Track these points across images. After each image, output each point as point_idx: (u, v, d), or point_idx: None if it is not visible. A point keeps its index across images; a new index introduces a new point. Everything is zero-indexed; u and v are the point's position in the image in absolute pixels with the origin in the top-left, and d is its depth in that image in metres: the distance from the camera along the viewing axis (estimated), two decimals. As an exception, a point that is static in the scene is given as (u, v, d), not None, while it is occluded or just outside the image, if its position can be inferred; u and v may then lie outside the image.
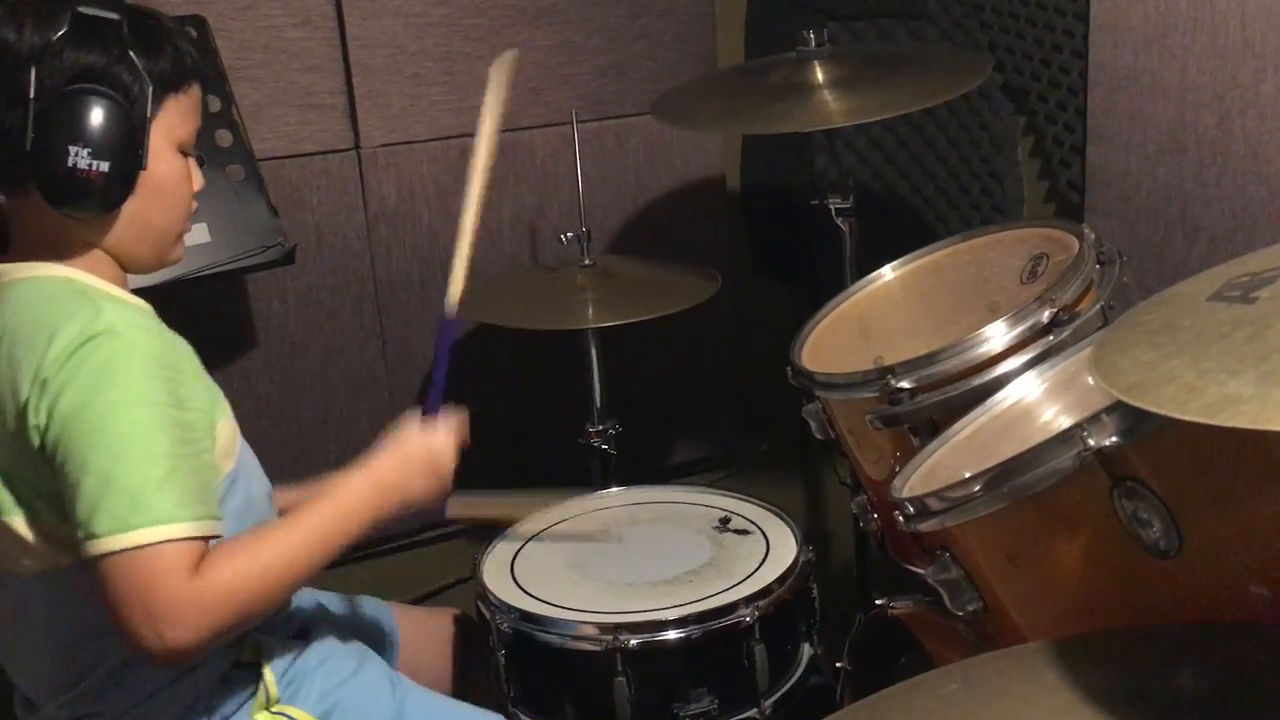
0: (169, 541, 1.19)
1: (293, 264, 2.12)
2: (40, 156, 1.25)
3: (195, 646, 1.20)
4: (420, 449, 1.44)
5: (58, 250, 1.33)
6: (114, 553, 1.18)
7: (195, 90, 1.38)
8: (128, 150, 1.28)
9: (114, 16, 1.28)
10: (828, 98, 1.98)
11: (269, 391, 2.44)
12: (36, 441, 1.22)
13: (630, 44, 2.61)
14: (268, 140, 2.33)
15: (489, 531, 1.99)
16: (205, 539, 1.23)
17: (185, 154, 1.38)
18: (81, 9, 1.26)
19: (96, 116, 1.25)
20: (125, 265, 1.38)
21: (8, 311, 1.29)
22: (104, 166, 1.26)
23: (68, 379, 1.21)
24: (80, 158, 1.25)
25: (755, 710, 1.72)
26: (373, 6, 2.38)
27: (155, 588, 1.18)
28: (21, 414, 1.23)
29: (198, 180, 1.42)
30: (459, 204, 2.53)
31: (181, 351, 1.32)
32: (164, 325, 1.36)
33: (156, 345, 1.27)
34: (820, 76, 2.02)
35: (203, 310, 2.27)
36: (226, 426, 1.37)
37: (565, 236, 2.26)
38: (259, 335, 2.43)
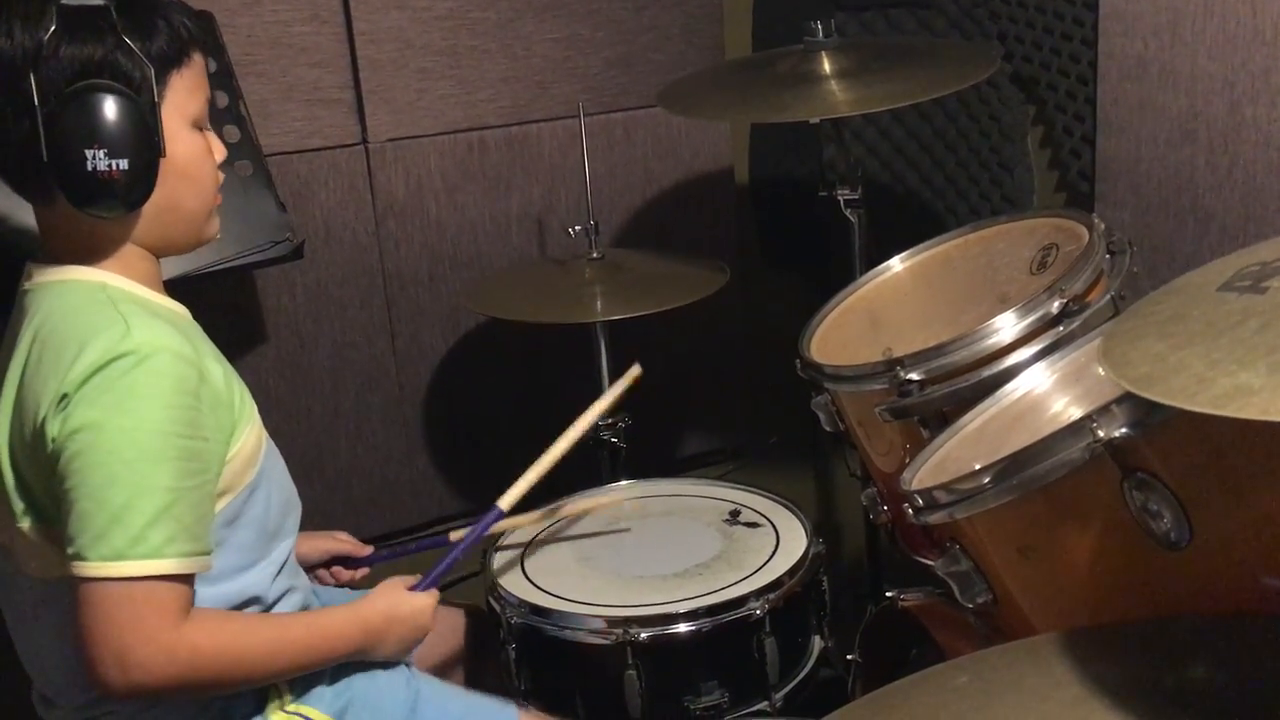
0: (156, 579, 1.19)
1: (301, 259, 2.12)
2: (59, 164, 1.22)
3: (150, 691, 1.21)
4: (407, 611, 1.48)
5: (91, 252, 1.31)
6: (99, 579, 1.18)
7: (198, 59, 1.34)
8: (144, 142, 1.25)
9: (99, 3, 1.24)
10: (835, 88, 1.97)
11: (278, 386, 2.45)
12: (50, 451, 1.22)
13: (637, 36, 2.60)
14: (275, 135, 2.33)
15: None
16: (191, 578, 1.24)
17: (201, 128, 1.35)
18: (64, 1, 1.22)
19: (106, 113, 1.22)
20: (161, 252, 1.36)
21: (40, 317, 1.28)
22: (124, 164, 1.23)
23: (86, 397, 1.20)
24: (99, 160, 1.22)
25: (766, 703, 1.71)
26: (380, 1, 2.38)
27: (135, 623, 1.19)
28: (41, 424, 1.22)
29: (219, 150, 1.39)
30: (466, 197, 2.55)
31: (207, 368, 1.30)
32: (196, 332, 1.35)
33: (181, 369, 1.24)
34: (828, 67, 2.01)
35: (211, 306, 2.26)
36: (253, 433, 1.36)
37: (573, 230, 2.26)
38: (268, 330, 2.43)
